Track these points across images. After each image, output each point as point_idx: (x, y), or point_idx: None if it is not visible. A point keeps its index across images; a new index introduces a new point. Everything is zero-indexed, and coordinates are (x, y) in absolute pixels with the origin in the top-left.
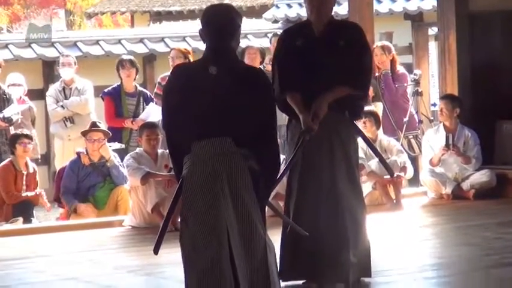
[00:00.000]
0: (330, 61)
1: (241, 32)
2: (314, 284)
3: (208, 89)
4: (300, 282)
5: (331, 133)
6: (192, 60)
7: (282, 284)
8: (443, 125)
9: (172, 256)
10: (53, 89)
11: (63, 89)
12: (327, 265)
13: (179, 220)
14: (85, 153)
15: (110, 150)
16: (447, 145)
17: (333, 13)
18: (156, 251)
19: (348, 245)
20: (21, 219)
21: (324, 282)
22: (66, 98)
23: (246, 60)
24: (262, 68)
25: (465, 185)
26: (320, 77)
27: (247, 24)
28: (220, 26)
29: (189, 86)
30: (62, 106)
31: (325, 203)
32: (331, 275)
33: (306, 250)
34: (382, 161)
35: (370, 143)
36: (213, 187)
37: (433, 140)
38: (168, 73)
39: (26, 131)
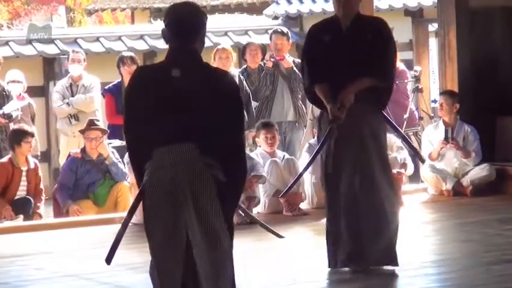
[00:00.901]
0: (356, 54)
1: (243, 28)
2: (360, 269)
3: (171, 93)
4: (347, 269)
5: (361, 123)
6: None
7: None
8: (443, 120)
9: None
10: (60, 85)
11: (70, 85)
12: (371, 250)
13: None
14: (78, 152)
15: (108, 147)
16: (446, 138)
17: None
18: (108, 261)
19: (389, 228)
20: (21, 216)
21: (370, 266)
22: (72, 94)
23: (247, 57)
24: (263, 65)
25: (465, 181)
26: (347, 70)
27: (248, 21)
28: (185, 26)
29: (151, 90)
30: (67, 103)
31: (361, 192)
32: (378, 259)
33: (348, 238)
34: (411, 147)
35: (398, 129)
36: (175, 198)
37: (433, 135)
38: None
39: (27, 127)
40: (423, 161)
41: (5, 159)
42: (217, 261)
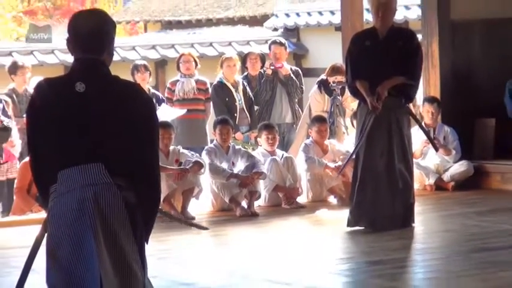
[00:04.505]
0: (391, 57)
1: (245, 39)
2: (371, 230)
3: (75, 109)
4: (362, 228)
5: (390, 113)
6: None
7: (349, 229)
8: (425, 122)
9: (180, 241)
10: None
11: None
12: (384, 216)
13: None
14: None
15: None
16: (428, 137)
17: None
18: None
19: (401, 201)
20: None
21: (381, 229)
22: None
23: (248, 65)
24: (263, 72)
25: (446, 177)
26: (383, 70)
27: (250, 32)
28: (89, 35)
29: (53, 106)
30: None
31: (384, 170)
32: (387, 224)
33: (368, 204)
34: (428, 137)
35: (418, 120)
36: (82, 224)
37: (415, 135)
38: (177, 77)
39: None
40: (437, 150)
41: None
42: None
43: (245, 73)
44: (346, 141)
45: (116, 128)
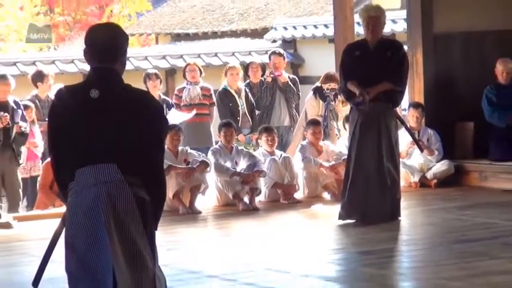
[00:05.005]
0: (380, 66)
1: (247, 49)
2: (362, 223)
3: (90, 114)
4: (353, 221)
5: (379, 117)
6: (203, 73)
7: (341, 222)
8: (410, 125)
9: (188, 234)
10: None
11: None
12: (373, 210)
13: None
14: None
15: None
16: (414, 139)
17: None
18: (36, 284)
19: (389, 197)
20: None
21: (370, 222)
22: None
23: (250, 73)
24: (263, 80)
25: (429, 175)
26: (373, 77)
27: (251, 44)
28: (104, 47)
29: (70, 110)
30: None
31: (373, 168)
32: (376, 217)
33: (359, 200)
34: (414, 138)
35: (404, 123)
36: (96, 218)
37: (402, 137)
38: (184, 85)
39: None
40: (422, 150)
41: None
42: (142, 282)
43: (247, 81)
44: (338, 142)
45: (127, 131)
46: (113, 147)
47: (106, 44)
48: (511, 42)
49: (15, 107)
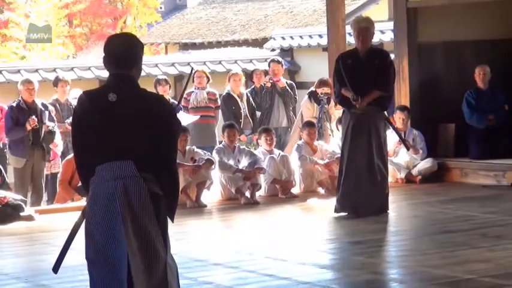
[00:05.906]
0: (369, 73)
1: (248, 57)
2: (354, 215)
3: (109, 115)
4: (346, 214)
5: (369, 119)
6: (210, 79)
7: (336, 215)
8: (397, 127)
9: (195, 225)
10: None
11: None
12: (364, 204)
13: None
14: None
15: None
16: (401, 138)
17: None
18: (56, 270)
19: (379, 192)
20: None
21: (362, 215)
22: None
23: (254, 79)
24: (263, 85)
25: (414, 171)
26: (364, 83)
27: (252, 52)
28: (121, 55)
29: (91, 112)
30: None
31: (364, 165)
32: (367, 210)
33: (351, 194)
34: (401, 138)
35: (392, 125)
36: (113, 211)
37: (389, 137)
38: (192, 89)
39: None
40: (408, 149)
41: (71, 156)
42: (156, 273)
43: (252, 86)
44: (332, 142)
45: (143, 132)
46: (129, 146)
47: (123, 52)
48: (487, 51)
49: (42, 109)
